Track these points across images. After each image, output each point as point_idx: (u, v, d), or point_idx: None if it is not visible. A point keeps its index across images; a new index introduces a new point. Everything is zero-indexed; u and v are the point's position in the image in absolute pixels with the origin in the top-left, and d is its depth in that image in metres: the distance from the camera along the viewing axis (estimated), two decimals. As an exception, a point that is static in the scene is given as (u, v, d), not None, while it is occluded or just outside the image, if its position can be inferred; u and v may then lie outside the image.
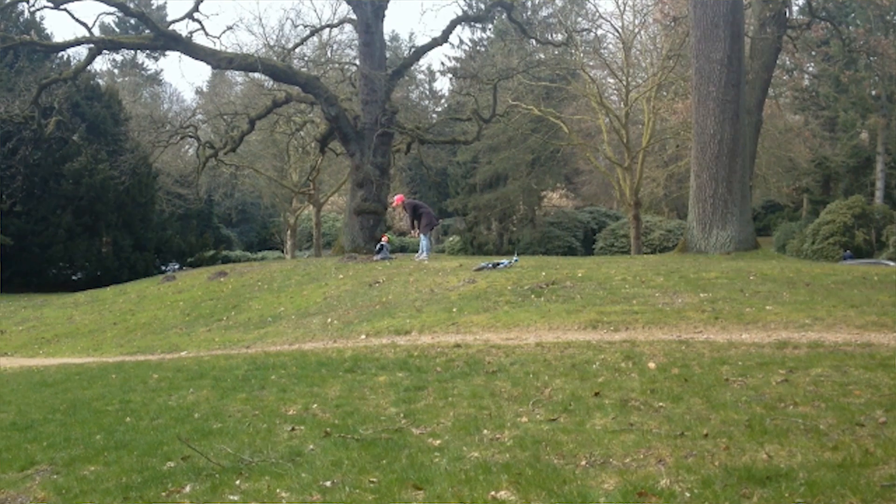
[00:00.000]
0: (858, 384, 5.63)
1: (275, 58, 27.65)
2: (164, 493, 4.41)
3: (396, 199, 20.84)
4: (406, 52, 47.67)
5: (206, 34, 38.00)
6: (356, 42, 28.79)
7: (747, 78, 23.29)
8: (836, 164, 44.68)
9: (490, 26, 49.20)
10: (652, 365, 6.70)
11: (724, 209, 18.69)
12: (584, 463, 4.34)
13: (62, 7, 23.17)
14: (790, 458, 4.14)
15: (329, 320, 12.19)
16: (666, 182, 43.03)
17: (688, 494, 3.70)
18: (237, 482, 4.45)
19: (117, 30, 53.85)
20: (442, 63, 64.54)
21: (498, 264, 15.03)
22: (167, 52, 36.63)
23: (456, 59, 54.11)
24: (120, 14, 31.73)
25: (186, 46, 24.32)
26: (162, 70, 70.90)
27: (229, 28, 62.83)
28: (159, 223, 39.13)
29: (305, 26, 36.75)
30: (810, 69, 43.03)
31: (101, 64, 61.01)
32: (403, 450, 4.85)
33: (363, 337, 10.34)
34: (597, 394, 5.88)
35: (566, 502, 3.70)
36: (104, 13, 53.46)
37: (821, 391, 5.52)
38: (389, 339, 9.86)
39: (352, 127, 24.67)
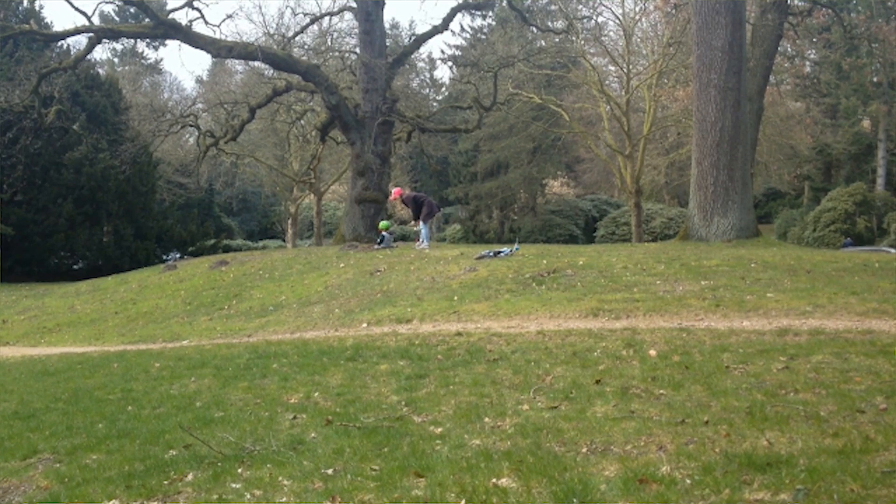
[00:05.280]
0: (859, 371, 5.62)
1: (275, 46, 27.55)
2: (166, 482, 4.42)
3: (394, 192, 20.83)
4: (406, 40, 47.50)
5: (206, 22, 37.89)
6: (356, 30, 28.67)
7: (748, 65, 23.20)
8: (837, 152, 44.59)
9: (491, 14, 48.98)
10: (653, 352, 6.70)
11: (725, 197, 18.67)
12: (584, 450, 4.34)
13: (61, -5, 23.12)
14: (791, 444, 4.15)
15: (330, 309, 12.20)
16: (667, 170, 43.00)
17: (688, 481, 3.71)
18: (239, 470, 4.47)
19: (117, 18, 53.68)
20: (442, 51, 64.40)
21: (499, 252, 15.03)
22: (167, 41, 36.63)
23: (456, 46, 54.03)
24: (119, 3, 31.63)
25: (186, 35, 24.25)
26: (162, 59, 70.66)
27: (229, 16, 63.08)
28: (160, 212, 39.05)
29: (305, 14, 36.80)
30: (812, 56, 42.89)
31: (100, 53, 60.91)
32: (405, 438, 4.86)
33: (364, 325, 10.35)
34: (598, 381, 5.88)
35: (567, 489, 3.70)
36: (104, 2, 53.20)
37: (821, 378, 5.52)
38: (391, 327, 9.86)
39: (352, 115, 24.62)
